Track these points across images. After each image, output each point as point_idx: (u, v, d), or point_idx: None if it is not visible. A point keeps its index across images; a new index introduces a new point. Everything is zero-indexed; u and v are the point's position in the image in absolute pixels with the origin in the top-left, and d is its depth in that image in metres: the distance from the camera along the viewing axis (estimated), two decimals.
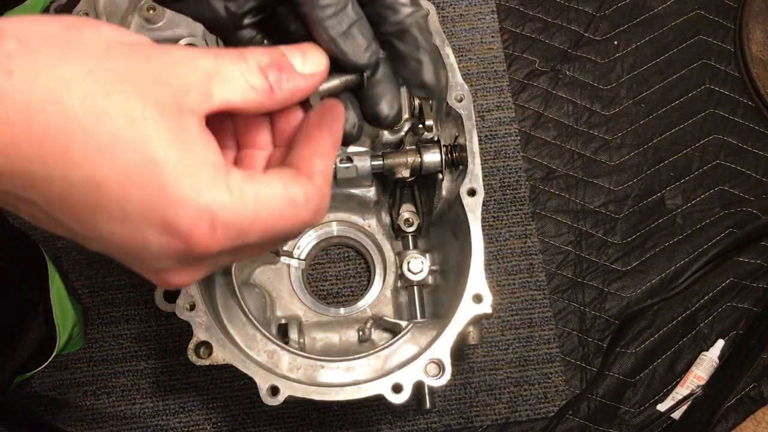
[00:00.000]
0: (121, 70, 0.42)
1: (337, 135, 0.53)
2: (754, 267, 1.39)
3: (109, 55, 0.42)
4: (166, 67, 0.44)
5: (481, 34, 1.49)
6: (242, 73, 0.47)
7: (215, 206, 0.43)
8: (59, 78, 0.40)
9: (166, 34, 1.11)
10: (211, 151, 0.44)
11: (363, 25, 0.54)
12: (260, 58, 0.48)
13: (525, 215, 1.40)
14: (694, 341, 1.35)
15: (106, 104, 0.41)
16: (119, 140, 0.41)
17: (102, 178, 0.41)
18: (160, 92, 0.42)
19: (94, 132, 0.40)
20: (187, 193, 0.42)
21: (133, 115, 0.41)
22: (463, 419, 1.30)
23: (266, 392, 0.94)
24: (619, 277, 1.38)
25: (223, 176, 0.44)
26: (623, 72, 1.49)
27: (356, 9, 0.54)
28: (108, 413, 1.29)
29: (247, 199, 0.44)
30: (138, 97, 0.42)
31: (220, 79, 0.46)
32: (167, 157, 0.42)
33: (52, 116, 0.40)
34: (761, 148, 1.46)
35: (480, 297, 0.97)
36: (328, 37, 0.53)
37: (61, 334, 1.19)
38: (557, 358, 1.33)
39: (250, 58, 0.48)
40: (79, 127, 0.40)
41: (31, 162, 0.40)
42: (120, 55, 0.43)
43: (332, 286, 1.34)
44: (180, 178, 0.42)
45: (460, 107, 1.02)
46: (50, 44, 0.41)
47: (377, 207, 1.24)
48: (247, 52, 0.48)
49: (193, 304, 0.97)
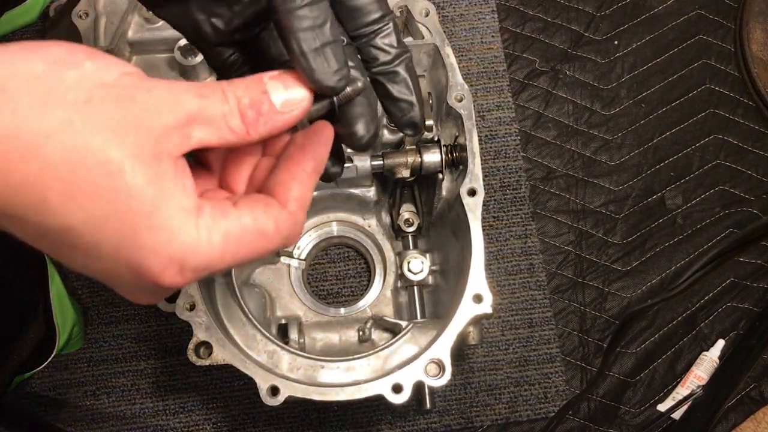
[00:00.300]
0: (101, 120, 0.43)
1: (320, 159, 0.54)
2: (754, 267, 1.39)
3: (90, 104, 0.43)
4: (147, 112, 0.44)
5: (481, 34, 1.49)
6: (224, 116, 0.48)
7: (185, 253, 0.45)
8: (39, 130, 0.41)
9: (166, 34, 1.11)
10: (185, 195, 0.46)
11: (338, 49, 0.53)
12: (241, 95, 0.48)
13: (525, 215, 1.40)
14: (695, 341, 1.35)
15: (84, 156, 0.42)
16: (95, 191, 0.42)
17: (76, 224, 0.43)
18: (139, 140, 0.44)
19: (72, 183, 0.42)
20: (158, 241, 0.44)
21: (110, 167, 0.42)
22: (463, 419, 1.30)
23: (266, 392, 0.93)
24: (619, 277, 1.38)
25: (194, 221, 0.46)
26: (623, 72, 1.49)
27: (335, 31, 0.53)
28: (108, 413, 1.29)
29: (216, 240, 0.47)
30: (117, 146, 0.43)
31: (201, 122, 0.47)
32: (141, 208, 0.43)
33: (31, 166, 0.41)
34: (761, 148, 1.46)
35: (480, 297, 0.97)
36: (299, 49, 0.52)
37: (60, 333, 1.19)
38: (557, 358, 1.33)
39: (231, 99, 0.48)
40: (56, 179, 0.42)
41: (8, 205, 0.42)
42: (102, 101, 0.43)
43: (332, 286, 1.34)
44: (152, 229, 0.44)
45: (460, 107, 1.02)
46: (32, 89, 0.41)
47: (377, 207, 1.24)
48: (229, 91, 0.48)
49: (193, 304, 0.97)
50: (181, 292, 0.97)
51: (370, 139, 0.59)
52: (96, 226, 0.43)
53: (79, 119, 0.42)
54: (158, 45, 1.12)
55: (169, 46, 1.12)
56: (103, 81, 0.44)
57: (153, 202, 0.44)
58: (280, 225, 0.50)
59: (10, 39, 1.44)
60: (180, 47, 1.10)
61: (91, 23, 1.08)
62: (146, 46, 1.12)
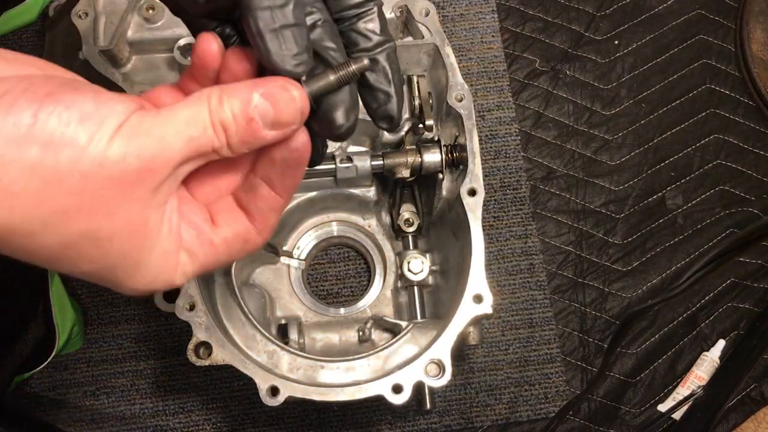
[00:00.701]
0: (95, 204, 0.46)
1: (298, 183, 0.56)
2: (754, 267, 1.38)
3: (85, 193, 0.45)
4: (139, 186, 0.47)
5: (481, 34, 1.49)
6: (214, 151, 0.50)
7: (162, 285, 0.53)
8: (35, 221, 0.44)
9: (166, 34, 1.11)
10: (168, 241, 0.51)
11: (299, 33, 0.52)
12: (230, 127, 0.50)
13: (525, 215, 1.39)
14: (695, 341, 1.35)
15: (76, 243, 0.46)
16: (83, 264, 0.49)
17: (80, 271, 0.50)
18: (131, 211, 0.47)
19: (67, 255, 0.47)
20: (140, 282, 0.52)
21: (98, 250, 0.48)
22: (463, 420, 1.29)
23: (266, 393, 0.93)
24: (619, 277, 1.38)
25: (174, 264, 0.52)
26: (624, 72, 1.49)
27: (298, 15, 0.52)
28: (107, 413, 1.29)
29: (189, 272, 0.53)
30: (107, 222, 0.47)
31: (190, 162, 0.50)
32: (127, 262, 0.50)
33: (27, 246, 0.46)
34: (762, 148, 1.45)
35: (480, 297, 0.97)
36: (255, 28, 0.51)
37: (60, 333, 1.19)
38: (558, 358, 1.33)
39: (221, 134, 0.49)
40: (48, 261, 0.47)
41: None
42: (96, 188, 0.45)
43: (332, 286, 1.33)
44: (137, 281, 0.51)
45: (460, 107, 1.02)
46: (30, 182, 0.43)
47: (377, 207, 1.24)
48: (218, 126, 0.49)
49: (193, 305, 0.97)
50: (181, 293, 0.97)
51: (348, 129, 0.57)
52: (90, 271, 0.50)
53: (74, 210, 0.46)
54: (158, 45, 1.12)
55: (168, 46, 1.12)
56: (101, 163, 0.45)
57: (137, 267, 0.50)
58: (251, 249, 0.57)
59: (9, 39, 1.44)
60: (180, 47, 1.10)
61: (91, 23, 1.08)
62: (146, 46, 1.12)
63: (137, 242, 0.49)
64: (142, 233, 0.49)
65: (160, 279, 0.52)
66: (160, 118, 0.47)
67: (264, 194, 0.55)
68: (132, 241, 0.49)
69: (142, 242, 0.49)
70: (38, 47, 1.43)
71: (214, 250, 0.54)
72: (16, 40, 1.45)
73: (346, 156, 1.09)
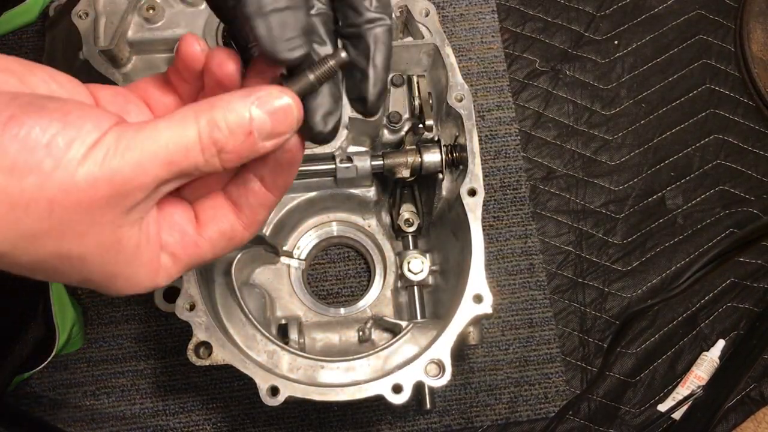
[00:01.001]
0: (64, 228, 0.45)
1: (290, 180, 0.54)
2: (754, 267, 1.39)
3: (52, 219, 0.44)
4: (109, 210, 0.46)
5: (481, 34, 1.49)
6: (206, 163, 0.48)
7: (146, 290, 0.53)
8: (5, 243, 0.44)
9: (166, 34, 1.11)
10: (147, 251, 0.50)
11: (294, 17, 0.49)
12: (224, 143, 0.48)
13: (525, 215, 1.39)
14: (695, 341, 1.35)
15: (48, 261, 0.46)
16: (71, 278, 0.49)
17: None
18: (102, 233, 0.47)
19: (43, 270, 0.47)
20: (123, 290, 0.52)
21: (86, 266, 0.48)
22: (463, 419, 1.29)
23: (266, 392, 0.93)
24: (619, 277, 1.38)
25: (155, 268, 0.52)
26: (623, 72, 1.49)
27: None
28: (107, 413, 1.29)
29: (174, 274, 0.54)
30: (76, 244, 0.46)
31: (168, 186, 0.49)
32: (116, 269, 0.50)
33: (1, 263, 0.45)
34: (762, 148, 1.46)
35: (480, 297, 0.97)
36: (242, 13, 0.48)
37: (60, 333, 1.19)
38: (558, 358, 1.33)
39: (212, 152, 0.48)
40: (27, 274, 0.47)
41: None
42: (63, 214, 0.44)
43: (332, 286, 1.33)
44: (118, 288, 0.51)
45: (460, 107, 1.02)
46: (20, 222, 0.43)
47: (377, 207, 1.24)
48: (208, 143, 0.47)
49: (193, 305, 0.97)
50: (181, 293, 0.97)
51: (328, 134, 0.54)
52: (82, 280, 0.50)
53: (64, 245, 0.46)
54: (158, 45, 1.12)
55: (169, 46, 1.12)
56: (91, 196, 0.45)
57: (115, 269, 0.49)
58: (237, 245, 0.55)
59: (9, 39, 1.44)
60: None
61: (91, 23, 1.08)
62: (146, 46, 1.12)
63: (111, 258, 0.48)
64: (115, 250, 0.48)
65: (142, 285, 0.52)
66: (140, 136, 0.45)
67: (255, 190, 0.54)
68: (105, 258, 0.48)
69: (116, 258, 0.48)
70: (38, 47, 1.43)
71: (198, 251, 0.54)
72: (16, 40, 1.45)
73: (346, 156, 1.09)
